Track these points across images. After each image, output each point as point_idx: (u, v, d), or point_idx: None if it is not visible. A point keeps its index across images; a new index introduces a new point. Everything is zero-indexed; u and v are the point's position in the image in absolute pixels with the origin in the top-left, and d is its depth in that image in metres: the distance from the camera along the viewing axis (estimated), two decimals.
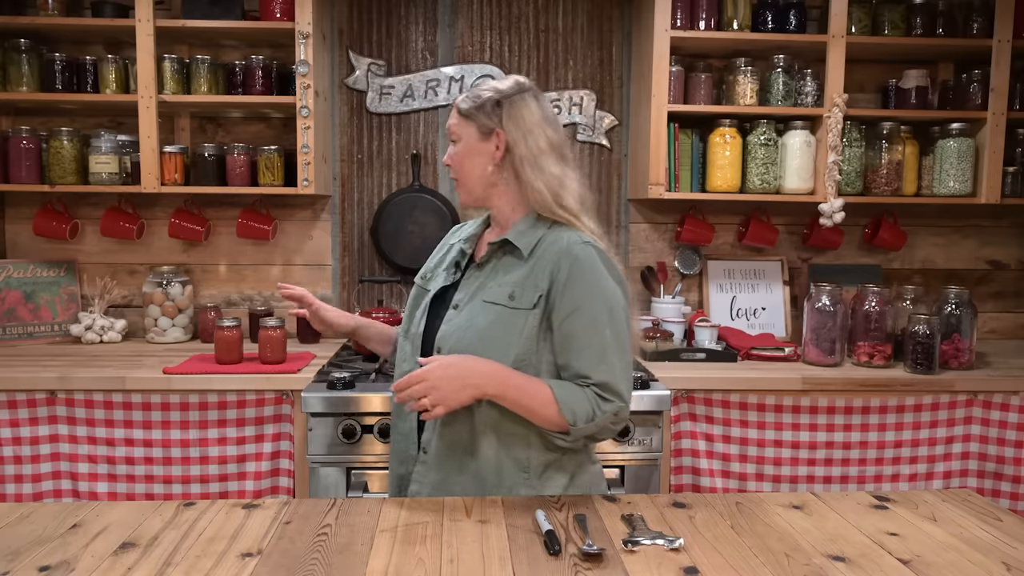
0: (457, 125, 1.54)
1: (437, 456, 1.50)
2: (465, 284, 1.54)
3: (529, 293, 1.45)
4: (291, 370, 2.26)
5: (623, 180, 2.94)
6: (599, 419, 1.41)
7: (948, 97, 2.80)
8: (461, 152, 1.53)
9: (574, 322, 1.43)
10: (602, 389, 1.42)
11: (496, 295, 1.48)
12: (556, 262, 1.45)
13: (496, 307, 1.46)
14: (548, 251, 1.47)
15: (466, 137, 1.52)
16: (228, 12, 2.54)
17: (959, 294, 2.50)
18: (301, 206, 2.88)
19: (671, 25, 2.54)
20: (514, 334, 1.45)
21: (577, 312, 1.43)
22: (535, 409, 1.41)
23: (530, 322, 1.45)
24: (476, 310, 1.48)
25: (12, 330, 2.69)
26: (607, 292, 1.45)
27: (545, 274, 1.45)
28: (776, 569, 1.15)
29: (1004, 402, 2.32)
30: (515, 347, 1.44)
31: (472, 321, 1.47)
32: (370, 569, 1.14)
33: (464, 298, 1.52)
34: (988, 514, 1.37)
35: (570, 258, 1.44)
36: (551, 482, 1.48)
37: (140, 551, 1.19)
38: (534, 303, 1.45)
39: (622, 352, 1.44)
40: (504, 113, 1.50)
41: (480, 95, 1.52)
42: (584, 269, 1.44)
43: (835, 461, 2.31)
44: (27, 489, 2.21)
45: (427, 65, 2.87)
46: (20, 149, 2.57)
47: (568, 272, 1.44)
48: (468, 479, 1.48)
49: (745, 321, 2.89)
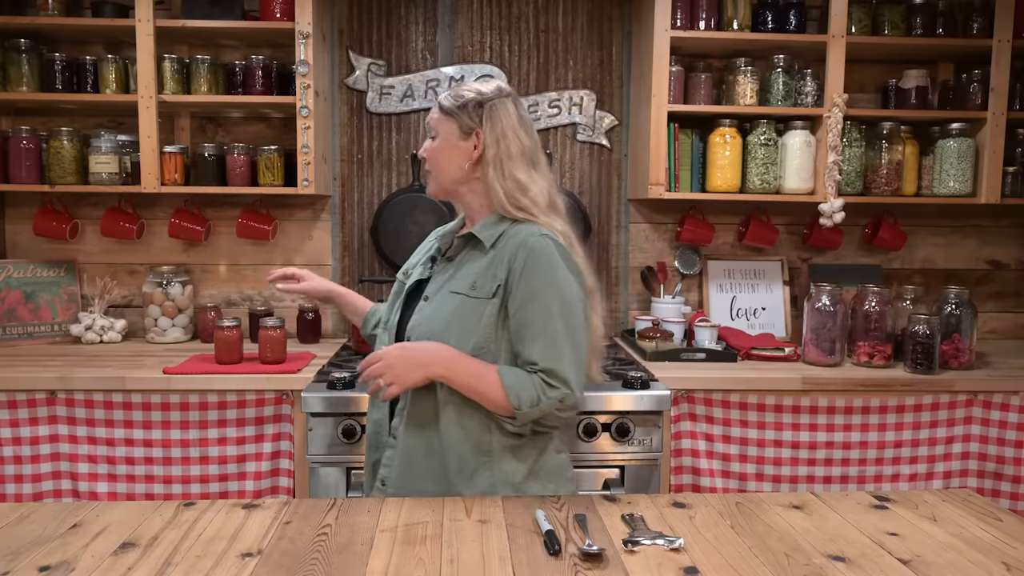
0: (438, 121, 1.63)
1: (404, 441, 1.58)
2: (436, 277, 1.64)
3: (489, 283, 1.54)
4: (291, 370, 2.27)
5: (623, 180, 2.94)
6: (544, 404, 1.48)
7: (948, 97, 2.80)
8: (439, 147, 1.62)
9: (527, 310, 1.50)
10: (548, 375, 1.48)
11: (460, 285, 1.57)
12: (514, 253, 1.53)
13: (459, 296, 1.55)
14: (508, 243, 1.55)
15: (445, 133, 1.61)
16: (228, 12, 2.54)
17: (959, 294, 2.50)
18: (301, 206, 2.88)
19: (671, 25, 2.54)
20: (474, 322, 1.53)
21: (530, 301, 1.50)
22: (482, 391, 1.49)
23: (489, 310, 1.53)
24: (443, 300, 1.58)
25: (12, 330, 2.69)
26: (561, 283, 1.51)
27: (503, 264, 1.53)
28: (776, 569, 1.15)
29: (1004, 402, 2.32)
30: (475, 334, 1.53)
31: (438, 310, 1.57)
32: (370, 569, 1.14)
33: (434, 290, 1.62)
34: (988, 514, 1.37)
35: (526, 249, 1.52)
36: (512, 467, 1.55)
37: (140, 551, 1.19)
38: (493, 292, 1.53)
39: (572, 341, 1.50)
40: (484, 115, 1.59)
41: (463, 95, 1.61)
42: (540, 260, 1.51)
43: (835, 461, 2.31)
44: (27, 489, 2.21)
45: (427, 65, 2.87)
46: (20, 149, 2.57)
47: (524, 262, 1.51)
48: (433, 463, 1.55)
49: (745, 321, 2.89)
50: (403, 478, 1.57)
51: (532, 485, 1.56)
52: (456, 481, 1.53)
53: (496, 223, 1.59)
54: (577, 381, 1.50)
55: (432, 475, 1.55)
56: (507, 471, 1.54)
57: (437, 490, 1.53)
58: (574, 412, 1.60)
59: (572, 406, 1.52)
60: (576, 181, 2.93)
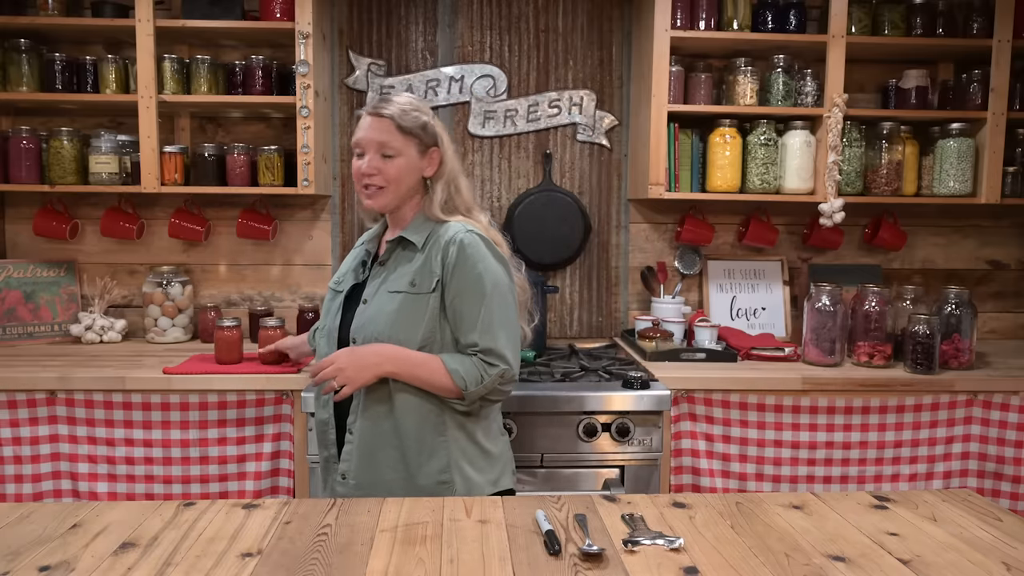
0: (397, 140, 1.70)
1: (361, 435, 1.69)
2: (372, 280, 1.75)
3: (427, 279, 1.67)
4: (291, 370, 2.26)
5: (623, 180, 2.94)
6: (487, 381, 1.64)
7: (948, 97, 2.80)
8: (401, 166, 1.71)
9: (462, 299, 1.65)
10: (486, 355, 1.64)
11: (398, 284, 1.69)
12: (445, 249, 1.66)
13: (399, 295, 1.68)
14: (439, 241, 1.68)
15: (407, 153, 1.71)
16: (228, 12, 2.54)
17: (959, 294, 2.50)
18: (301, 206, 2.88)
19: (671, 25, 2.54)
20: (418, 316, 1.66)
21: (464, 291, 1.65)
22: (430, 379, 1.63)
23: (431, 304, 1.66)
24: (383, 300, 1.69)
25: (12, 330, 2.69)
26: (490, 271, 1.66)
27: (438, 260, 1.67)
28: (776, 569, 1.15)
29: (1004, 402, 2.32)
30: (421, 328, 1.66)
31: (381, 310, 1.68)
32: (370, 569, 1.14)
33: (372, 292, 1.72)
34: (988, 514, 1.37)
35: (456, 245, 1.66)
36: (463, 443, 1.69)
37: (140, 551, 1.19)
38: (432, 287, 1.66)
39: (505, 322, 1.67)
40: (437, 134, 1.75)
41: (414, 115, 1.72)
42: (469, 253, 1.65)
43: (835, 461, 2.31)
44: (27, 489, 2.21)
45: (427, 65, 2.87)
46: (20, 149, 2.57)
47: (455, 257, 1.65)
48: (392, 452, 1.67)
49: (745, 321, 2.89)
50: (363, 470, 1.69)
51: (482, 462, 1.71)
52: (415, 464, 1.66)
53: (423, 224, 1.73)
54: (513, 357, 1.67)
55: (392, 463, 1.67)
56: (462, 447, 1.68)
57: (396, 476, 1.67)
58: (514, 386, 1.73)
59: (511, 379, 1.69)
60: (576, 181, 2.93)
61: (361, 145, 1.71)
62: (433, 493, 1.64)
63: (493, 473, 1.72)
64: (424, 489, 1.65)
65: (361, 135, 1.71)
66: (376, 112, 1.71)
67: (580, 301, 2.97)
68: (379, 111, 1.70)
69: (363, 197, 1.74)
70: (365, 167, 1.70)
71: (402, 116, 1.70)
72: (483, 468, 1.71)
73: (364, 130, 1.71)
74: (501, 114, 2.87)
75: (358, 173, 1.72)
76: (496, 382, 1.65)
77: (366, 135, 1.70)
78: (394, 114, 1.69)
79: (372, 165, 1.70)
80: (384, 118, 1.70)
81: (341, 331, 1.75)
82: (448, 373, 1.62)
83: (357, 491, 1.69)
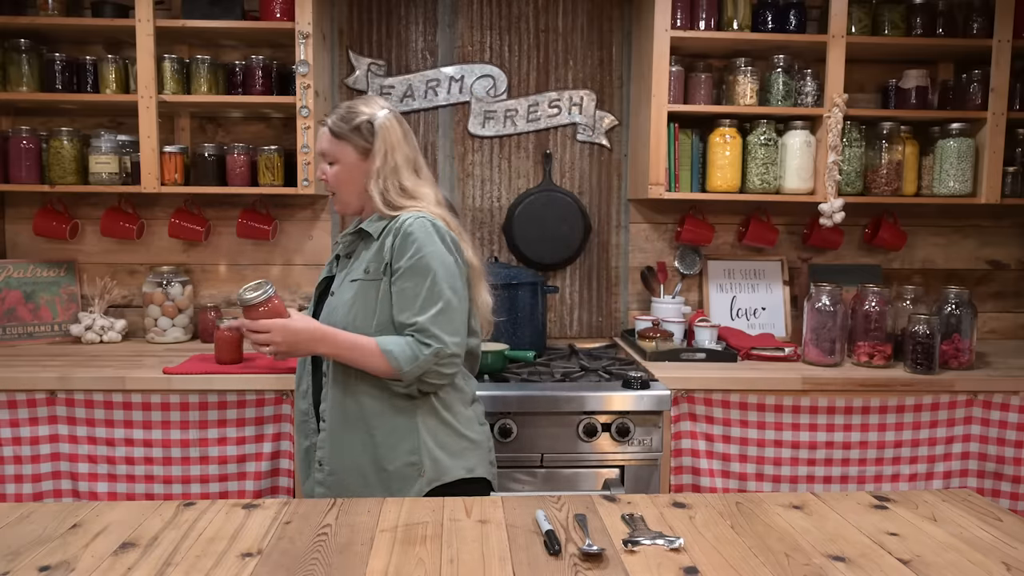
0: (333, 146, 1.78)
1: (331, 422, 1.74)
2: (338, 274, 1.83)
3: (378, 265, 1.72)
4: (291, 370, 2.26)
5: (623, 180, 2.94)
6: (421, 360, 1.64)
7: (948, 97, 2.80)
8: (342, 172, 1.79)
9: (401, 281, 1.68)
10: (421, 334, 1.65)
11: (357, 273, 1.75)
12: (395, 234, 1.70)
13: (357, 282, 1.74)
14: (389, 230, 1.73)
15: (344, 158, 1.78)
16: (228, 12, 2.54)
17: (959, 294, 2.50)
18: (301, 206, 2.88)
19: (671, 25, 2.54)
20: (372, 302, 1.71)
21: (404, 272, 1.68)
22: (364, 360, 1.66)
23: (383, 288, 1.71)
24: (345, 290, 1.76)
25: (12, 330, 2.69)
26: (433, 254, 1.68)
27: (387, 246, 1.71)
28: (776, 569, 1.15)
29: (1004, 402, 2.32)
30: (375, 313, 1.70)
31: (341, 299, 1.75)
32: (370, 569, 1.14)
33: (338, 283, 1.80)
34: (988, 514, 1.37)
35: (403, 230, 1.70)
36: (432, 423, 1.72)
37: (140, 551, 1.19)
38: (383, 272, 1.71)
39: (443, 301, 1.67)
40: (375, 131, 1.76)
41: (352, 117, 1.77)
42: (415, 236, 1.68)
43: (835, 461, 2.31)
44: (27, 489, 2.21)
45: (427, 65, 2.87)
46: (20, 149, 2.57)
47: (401, 240, 1.69)
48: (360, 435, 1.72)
49: (745, 321, 2.89)
50: (335, 455, 1.74)
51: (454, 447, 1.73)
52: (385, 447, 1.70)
53: (376, 218, 1.78)
54: (450, 337, 1.66)
55: (361, 446, 1.72)
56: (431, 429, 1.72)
57: (366, 459, 1.71)
58: (455, 367, 1.71)
59: (448, 358, 1.67)
60: (576, 181, 2.93)
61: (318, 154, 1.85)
62: (403, 476, 1.69)
63: (467, 460, 1.74)
64: (394, 474, 1.69)
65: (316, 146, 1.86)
66: (320, 121, 1.83)
67: (580, 301, 2.97)
68: (322, 120, 1.81)
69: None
70: (319, 174, 1.84)
71: (336, 124, 1.77)
72: (456, 452, 1.73)
73: (317, 140, 1.85)
74: (501, 114, 2.87)
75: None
76: (431, 362, 1.65)
77: (317, 146, 1.84)
78: (329, 121, 1.79)
79: (321, 171, 1.82)
80: (323, 126, 1.80)
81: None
82: (382, 354, 1.64)
83: (331, 477, 1.74)
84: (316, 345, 1.68)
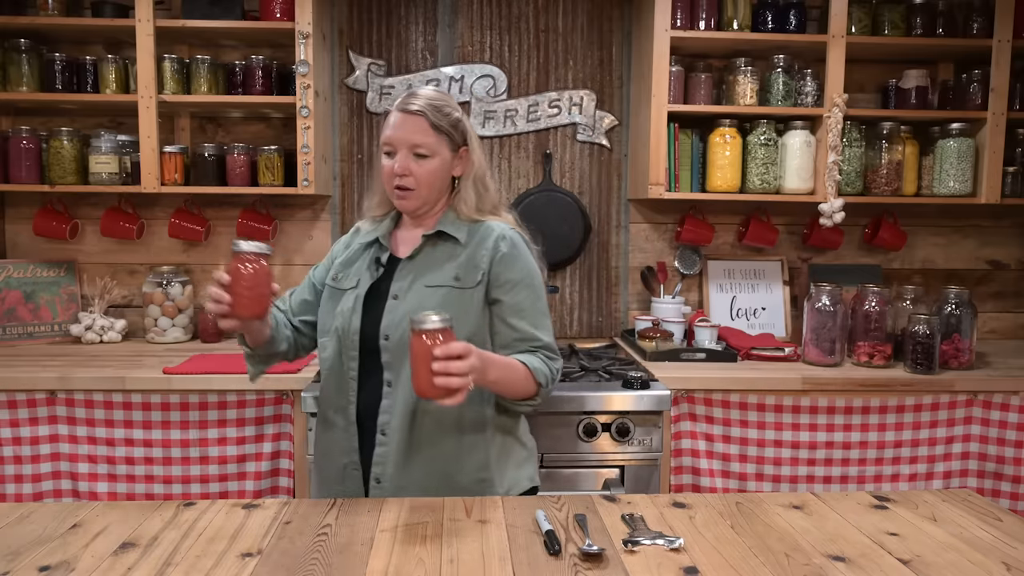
0: (432, 139, 1.60)
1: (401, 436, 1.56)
2: (400, 276, 1.63)
3: (472, 273, 1.60)
4: (291, 370, 2.26)
5: (623, 180, 2.94)
6: (553, 376, 1.62)
7: (948, 97, 2.80)
8: (434, 168, 1.61)
9: (520, 294, 1.62)
10: (547, 350, 1.63)
11: (439, 279, 1.60)
12: (494, 246, 1.62)
13: (442, 289, 1.59)
14: (484, 238, 1.63)
15: (442, 152, 1.62)
16: (228, 12, 2.54)
17: (959, 294, 2.50)
18: (301, 206, 2.88)
19: (671, 25, 2.54)
20: (463, 311, 1.57)
21: (521, 285, 1.62)
22: (518, 382, 1.56)
23: (476, 298, 1.60)
24: (422, 295, 1.58)
25: (12, 330, 2.69)
26: (535, 270, 1.66)
27: (485, 256, 1.61)
28: (776, 569, 1.15)
29: (1004, 402, 2.32)
30: (468, 323, 1.58)
31: (421, 305, 1.54)
32: (370, 569, 1.14)
33: (402, 288, 1.61)
34: (988, 514, 1.37)
35: (507, 241, 1.63)
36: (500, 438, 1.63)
37: (140, 551, 1.19)
38: (478, 281, 1.60)
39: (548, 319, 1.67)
40: (467, 131, 1.67)
41: (447, 111, 1.63)
42: (519, 250, 1.64)
43: (835, 461, 2.31)
44: (27, 489, 2.21)
45: (427, 65, 2.87)
46: (20, 149, 2.57)
47: (508, 252, 1.62)
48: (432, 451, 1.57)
49: (745, 321, 2.89)
50: (400, 473, 1.56)
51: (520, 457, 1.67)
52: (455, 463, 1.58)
53: (455, 221, 1.66)
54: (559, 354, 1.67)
55: (431, 462, 1.57)
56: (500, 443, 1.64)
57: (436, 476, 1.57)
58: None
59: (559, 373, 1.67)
60: (576, 181, 2.93)
61: (392, 144, 1.60)
62: (473, 492, 1.56)
63: (527, 469, 1.68)
64: (464, 490, 1.56)
65: (392, 134, 1.59)
66: (407, 109, 1.59)
67: (580, 301, 2.97)
68: (410, 107, 1.59)
69: (395, 198, 1.63)
70: (397, 167, 1.59)
71: (435, 113, 1.60)
72: (519, 463, 1.67)
73: (395, 128, 1.59)
74: (501, 114, 2.87)
75: (389, 173, 1.61)
76: (558, 376, 1.63)
77: (397, 134, 1.59)
78: (427, 111, 1.59)
79: (403, 165, 1.59)
80: (416, 115, 1.58)
81: (365, 329, 1.60)
82: (531, 372, 1.56)
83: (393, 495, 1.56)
84: (489, 371, 1.47)
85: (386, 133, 1.61)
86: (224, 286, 1.43)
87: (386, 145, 1.61)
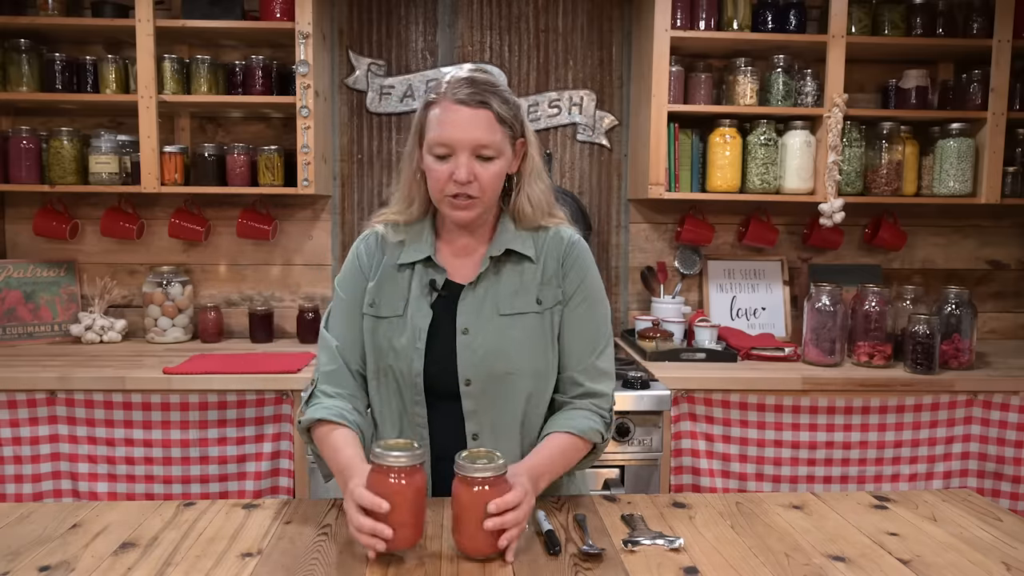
0: (499, 136, 1.31)
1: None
2: (466, 305, 1.37)
3: (553, 292, 1.40)
4: (291, 370, 2.27)
5: (623, 180, 2.94)
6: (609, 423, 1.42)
7: (948, 97, 2.80)
8: (501, 170, 1.34)
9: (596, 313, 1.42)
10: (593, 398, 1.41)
11: (518, 305, 1.37)
12: (565, 255, 1.41)
13: (525, 316, 1.37)
14: (551, 249, 1.41)
15: (505, 152, 1.34)
16: (228, 12, 2.54)
17: (959, 294, 2.50)
18: (301, 206, 2.88)
19: (671, 25, 2.54)
20: (542, 339, 1.38)
21: (596, 303, 1.43)
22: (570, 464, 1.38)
23: (553, 322, 1.40)
24: (500, 326, 1.36)
25: (12, 330, 2.69)
26: (601, 284, 1.46)
27: (559, 270, 1.41)
28: (776, 569, 1.15)
29: (1004, 402, 2.32)
30: (541, 356, 1.38)
31: (502, 337, 1.35)
32: (370, 569, 1.14)
33: (470, 319, 1.36)
34: (988, 514, 1.37)
35: (577, 248, 1.43)
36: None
37: (140, 551, 1.19)
38: (558, 300, 1.40)
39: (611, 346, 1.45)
40: (524, 118, 1.39)
41: (507, 97, 1.34)
42: (589, 260, 1.44)
43: (835, 461, 2.31)
44: (27, 489, 2.21)
45: (427, 65, 2.87)
46: (20, 149, 2.57)
47: (578, 259, 1.42)
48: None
49: (745, 321, 2.89)
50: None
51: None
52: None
53: (517, 232, 1.41)
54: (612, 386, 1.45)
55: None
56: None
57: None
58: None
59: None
60: (576, 181, 2.93)
61: (451, 145, 1.29)
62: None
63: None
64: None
65: (452, 134, 1.29)
66: (469, 100, 1.30)
67: None
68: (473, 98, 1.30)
69: (451, 208, 1.34)
70: (463, 175, 1.29)
71: (500, 104, 1.32)
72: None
73: (454, 126, 1.29)
74: None
75: (446, 180, 1.31)
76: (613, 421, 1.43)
77: (457, 134, 1.29)
78: (491, 102, 1.30)
79: (471, 171, 1.30)
80: (481, 108, 1.30)
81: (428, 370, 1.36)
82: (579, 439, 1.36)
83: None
84: (538, 484, 1.29)
85: (442, 132, 1.30)
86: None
87: (441, 146, 1.30)
